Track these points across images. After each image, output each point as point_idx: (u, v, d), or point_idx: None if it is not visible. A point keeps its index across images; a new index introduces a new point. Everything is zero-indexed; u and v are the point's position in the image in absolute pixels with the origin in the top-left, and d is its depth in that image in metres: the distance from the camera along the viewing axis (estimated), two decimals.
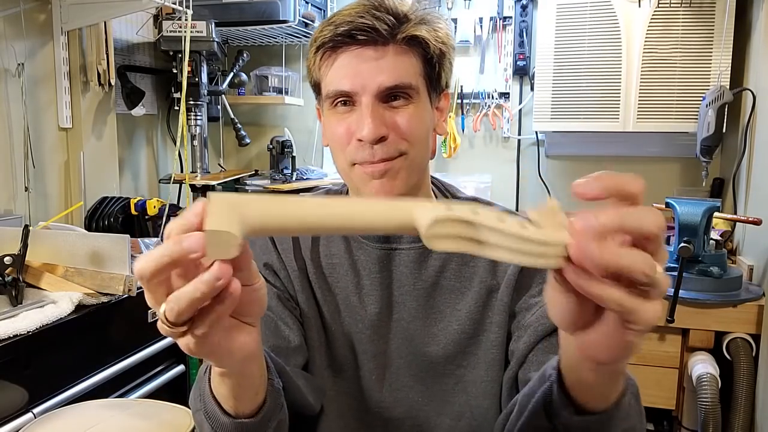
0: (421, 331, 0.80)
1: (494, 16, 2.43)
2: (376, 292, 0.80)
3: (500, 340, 0.78)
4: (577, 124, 2.19)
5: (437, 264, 0.80)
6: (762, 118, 1.87)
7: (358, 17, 0.71)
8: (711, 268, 1.67)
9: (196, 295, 0.40)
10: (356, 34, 0.71)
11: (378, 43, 0.72)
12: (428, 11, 0.76)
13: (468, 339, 0.79)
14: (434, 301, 0.80)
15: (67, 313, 1.30)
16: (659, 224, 0.40)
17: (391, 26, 0.72)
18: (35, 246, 1.40)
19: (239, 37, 2.48)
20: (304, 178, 2.45)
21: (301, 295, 0.81)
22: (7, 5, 1.80)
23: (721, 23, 1.99)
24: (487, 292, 0.79)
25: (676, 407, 1.74)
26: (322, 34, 0.73)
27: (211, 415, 0.56)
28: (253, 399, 0.57)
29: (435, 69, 0.77)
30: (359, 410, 0.81)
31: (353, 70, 0.72)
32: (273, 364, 0.65)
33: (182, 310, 0.41)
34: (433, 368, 0.80)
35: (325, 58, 0.74)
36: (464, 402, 0.79)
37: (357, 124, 0.72)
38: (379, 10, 0.72)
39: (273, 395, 0.59)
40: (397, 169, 0.74)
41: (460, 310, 0.79)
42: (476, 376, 0.79)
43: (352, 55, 0.72)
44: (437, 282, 0.80)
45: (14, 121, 1.84)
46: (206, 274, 0.40)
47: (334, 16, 0.74)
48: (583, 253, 0.39)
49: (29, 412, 1.21)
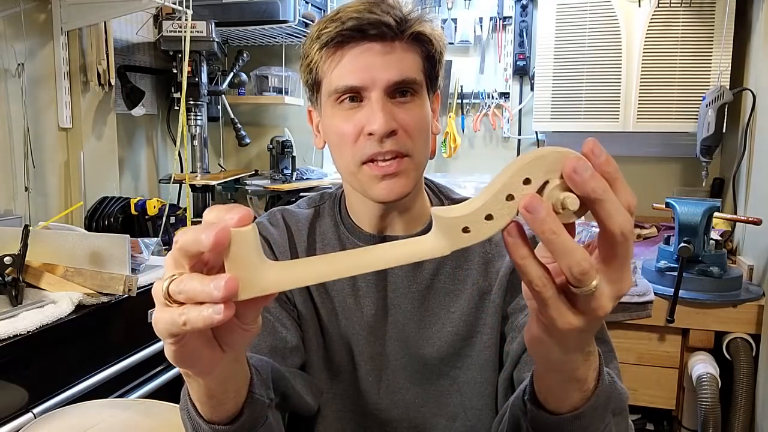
0: (415, 334, 0.80)
1: (494, 16, 2.43)
2: (372, 295, 0.81)
3: (493, 341, 0.78)
4: (577, 124, 2.19)
5: (432, 267, 0.80)
6: (762, 118, 1.87)
7: (366, 12, 0.71)
8: (711, 268, 1.66)
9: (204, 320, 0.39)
10: (366, 28, 0.71)
11: (386, 38, 0.72)
12: (424, 10, 0.77)
13: (461, 341, 0.79)
14: (428, 304, 0.80)
15: (67, 313, 1.30)
16: (623, 229, 0.39)
17: (399, 21, 0.72)
18: (35, 246, 1.40)
19: (239, 37, 2.48)
20: (304, 178, 2.45)
21: (298, 298, 0.81)
22: (7, 5, 1.80)
23: (721, 23, 1.99)
24: (480, 294, 0.79)
25: (676, 407, 1.74)
26: (326, 30, 0.72)
27: (192, 416, 0.55)
28: (221, 409, 0.53)
29: (434, 67, 0.77)
30: (356, 412, 0.81)
31: (362, 64, 0.71)
32: (267, 374, 0.64)
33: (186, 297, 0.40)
34: (429, 370, 0.80)
35: (330, 54, 0.73)
36: (459, 403, 0.80)
37: (367, 118, 0.72)
38: (385, 6, 0.72)
39: (252, 407, 0.55)
40: (405, 171, 0.73)
41: (454, 312, 0.79)
42: (470, 377, 0.79)
43: (361, 50, 0.72)
44: (431, 284, 0.80)
45: (14, 121, 1.84)
46: (209, 309, 0.38)
47: (337, 13, 0.73)
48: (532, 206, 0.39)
49: (29, 412, 1.20)
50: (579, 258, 0.39)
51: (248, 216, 0.40)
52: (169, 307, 0.40)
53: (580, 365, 0.48)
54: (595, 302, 0.41)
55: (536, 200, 0.39)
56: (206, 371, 0.47)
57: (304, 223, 0.85)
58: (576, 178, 0.39)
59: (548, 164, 0.40)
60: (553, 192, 0.40)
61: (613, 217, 0.39)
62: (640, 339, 1.71)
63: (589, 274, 0.39)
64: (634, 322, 1.68)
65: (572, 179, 0.39)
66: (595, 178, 0.39)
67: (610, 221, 0.39)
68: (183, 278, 0.40)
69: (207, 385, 0.50)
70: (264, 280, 0.40)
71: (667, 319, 1.65)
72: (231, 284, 0.38)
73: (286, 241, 0.83)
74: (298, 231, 0.85)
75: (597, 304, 0.41)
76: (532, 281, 0.41)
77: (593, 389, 0.50)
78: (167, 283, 0.40)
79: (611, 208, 0.39)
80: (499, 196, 0.40)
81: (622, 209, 0.39)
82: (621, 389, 0.57)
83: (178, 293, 0.40)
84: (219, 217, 0.40)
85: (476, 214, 0.41)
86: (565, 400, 0.51)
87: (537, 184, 0.40)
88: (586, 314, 0.41)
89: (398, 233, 0.81)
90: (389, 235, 0.81)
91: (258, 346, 0.75)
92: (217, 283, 0.38)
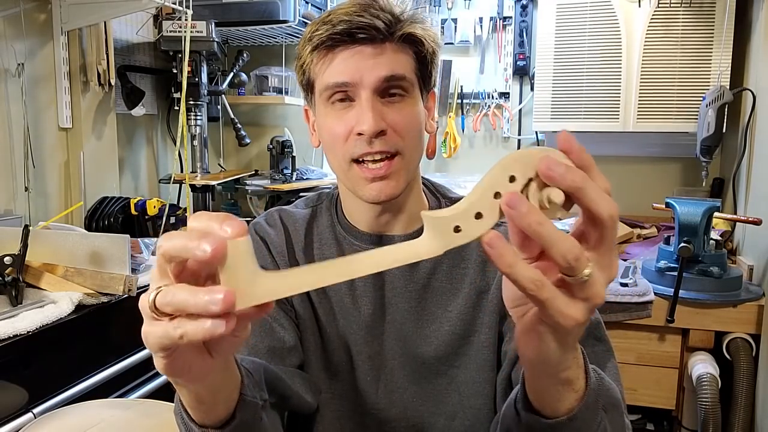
0: (413, 333, 0.80)
1: (494, 16, 2.43)
2: (370, 294, 0.81)
3: (491, 341, 0.78)
4: (577, 124, 2.18)
5: (429, 266, 0.80)
6: (762, 118, 1.87)
7: (356, 15, 0.71)
8: (711, 268, 1.66)
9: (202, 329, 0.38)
10: (356, 32, 0.71)
11: (376, 41, 0.72)
12: (417, 11, 0.77)
13: (459, 340, 0.79)
14: (426, 303, 0.80)
15: (67, 313, 1.30)
16: (611, 212, 0.40)
17: (388, 24, 0.72)
18: (35, 246, 1.40)
19: (239, 37, 2.48)
20: (304, 178, 2.45)
21: (296, 298, 0.81)
22: (7, 5, 1.80)
23: (721, 23, 1.99)
24: (477, 293, 0.79)
25: (676, 407, 1.74)
26: (318, 33, 0.73)
27: (185, 420, 0.54)
28: (213, 413, 0.53)
29: (427, 67, 0.78)
30: (355, 412, 0.81)
31: (353, 66, 0.72)
32: (260, 375, 0.64)
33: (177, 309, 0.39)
34: (427, 369, 0.80)
35: (322, 56, 0.74)
36: (457, 402, 0.80)
37: (357, 118, 0.72)
38: (375, 8, 0.72)
39: (244, 409, 0.55)
40: (395, 171, 0.74)
41: (451, 311, 0.79)
42: (468, 376, 0.79)
43: (351, 52, 0.72)
44: (428, 284, 0.80)
45: (14, 121, 1.84)
46: (208, 323, 0.38)
47: (329, 15, 0.73)
48: (513, 203, 0.39)
49: (29, 412, 1.20)
50: (570, 244, 0.39)
51: (244, 229, 0.40)
52: (159, 321, 0.40)
53: (571, 364, 0.48)
54: (590, 289, 0.41)
55: (516, 196, 0.40)
56: (197, 379, 0.47)
57: (301, 223, 0.85)
58: (552, 174, 0.39)
59: (531, 162, 0.41)
60: (536, 188, 0.41)
61: (597, 202, 0.40)
62: (640, 339, 1.71)
63: (581, 260, 0.39)
64: (634, 322, 1.68)
65: (550, 177, 0.40)
66: (570, 171, 0.39)
67: (596, 206, 0.40)
68: (170, 290, 0.39)
69: (197, 392, 0.50)
70: (259, 290, 0.40)
71: (667, 319, 1.65)
72: (229, 298, 0.38)
73: (283, 241, 0.84)
74: (295, 231, 0.85)
75: (593, 291, 0.41)
76: (526, 286, 0.40)
77: (584, 387, 0.50)
78: (153, 295, 0.40)
79: (593, 194, 0.40)
80: (487, 194, 0.41)
81: (604, 194, 0.40)
82: (609, 384, 0.56)
83: (165, 305, 0.39)
84: (209, 226, 0.40)
85: (466, 212, 0.41)
86: (561, 402, 0.50)
87: (521, 181, 0.41)
88: (585, 303, 0.41)
89: (396, 232, 0.81)
90: (386, 234, 0.81)
91: (256, 347, 0.75)
92: (213, 297, 0.38)
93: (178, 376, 0.46)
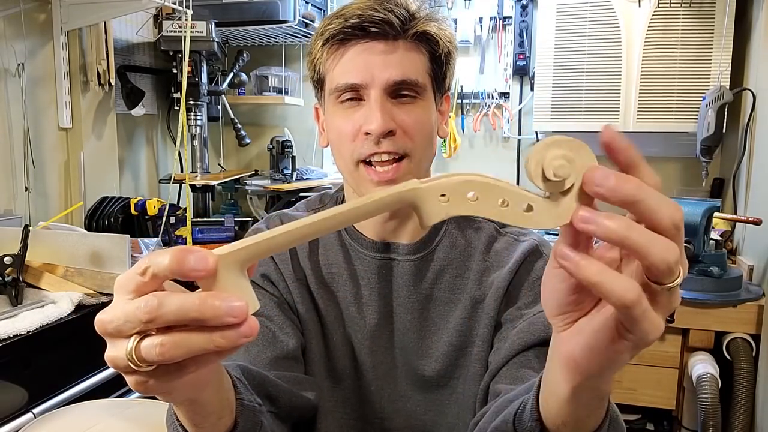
0: (415, 344, 0.79)
1: (494, 16, 2.43)
2: (375, 303, 0.79)
3: (483, 354, 0.76)
4: (577, 124, 2.19)
5: (432, 276, 0.79)
6: (762, 118, 1.87)
7: (370, 10, 0.70)
8: (711, 268, 1.66)
9: (208, 346, 0.35)
10: (368, 26, 0.70)
11: (389, 37, 0.71)
12: (434, 10, 0.76)
13: (456, 351, 0.77)
14: (428, 314, 0.79)
15: (67, 313, 1.30)
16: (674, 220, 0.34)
17: (403, 20, 0.71)
18: (35, 246, 1.40)
19: (239, 37, 2.48)
20: (304, 178, 2.45)
21: (301, 306, 0.79)
22: (7, 5, 1.80)
23: (721, 23, 1.99)
24: (473, 303, 0.77)
25: (676, 407, 1.74)
26: (330, 26, 0.72)
27: None
28: (216, 424, 0.51)
29: (441, 68, 0.76)
30: (358, 420, 0.80)
31: (363, 62, 0.71)
32: (252, 379, 0.63)
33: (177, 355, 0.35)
34: (429, 379, 0.79)
35: (333, 51, 0.73)
36: (456, 414, 0.79)
37: (365, 118, 0.71)
38: (390, 4, 0.71)
39: (245, 415, 0.54)
40: (403, 175, 0.72)
41: (450, 322, 0.78)
42: (466, 388, 0.78)
43: (362, 48, 0.71)
44: (431, 294, 0.79)
45: (14, 121, 1.84)
46: (232, 332, 0.35)
47: (342, 10, 0.72)
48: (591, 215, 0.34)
49: (29, 412, 1.20)
50: (666, 244, 0.33)
51: (212, 262, 0.36)
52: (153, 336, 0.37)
53: (611, 367, 0.41)
54: (674, 295, 0.35)
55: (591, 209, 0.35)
56: (200, 388, 0.45)
57: None
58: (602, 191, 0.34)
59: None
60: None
61: (657, 212, 0.34)
62: None
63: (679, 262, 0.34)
64: None
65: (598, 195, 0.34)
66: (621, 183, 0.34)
67: (658, 217, 0.34)
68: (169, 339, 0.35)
69: (194, 409, 0.48)
70: (254, 298, 0.39)
71: (667, 319, 1.65)
72: (240, 309, 0.35)
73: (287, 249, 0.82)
74: None
75: (676, 297, 0.36)
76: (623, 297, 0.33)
77: (608, 400, 0.47)
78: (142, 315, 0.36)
79: (652, 203, 0.34)
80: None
81: (662, 199, 0.34)
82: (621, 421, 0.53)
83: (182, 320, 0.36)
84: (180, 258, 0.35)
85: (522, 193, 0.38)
86: (590, 419, 0.46)
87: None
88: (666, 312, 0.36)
89: (403, 240, 0.79)
90: (393, 242, 0.79)
91: (258, 358, 0.72)
92: (229, 309, 0.35)
93: (188, 394, 0.43)
